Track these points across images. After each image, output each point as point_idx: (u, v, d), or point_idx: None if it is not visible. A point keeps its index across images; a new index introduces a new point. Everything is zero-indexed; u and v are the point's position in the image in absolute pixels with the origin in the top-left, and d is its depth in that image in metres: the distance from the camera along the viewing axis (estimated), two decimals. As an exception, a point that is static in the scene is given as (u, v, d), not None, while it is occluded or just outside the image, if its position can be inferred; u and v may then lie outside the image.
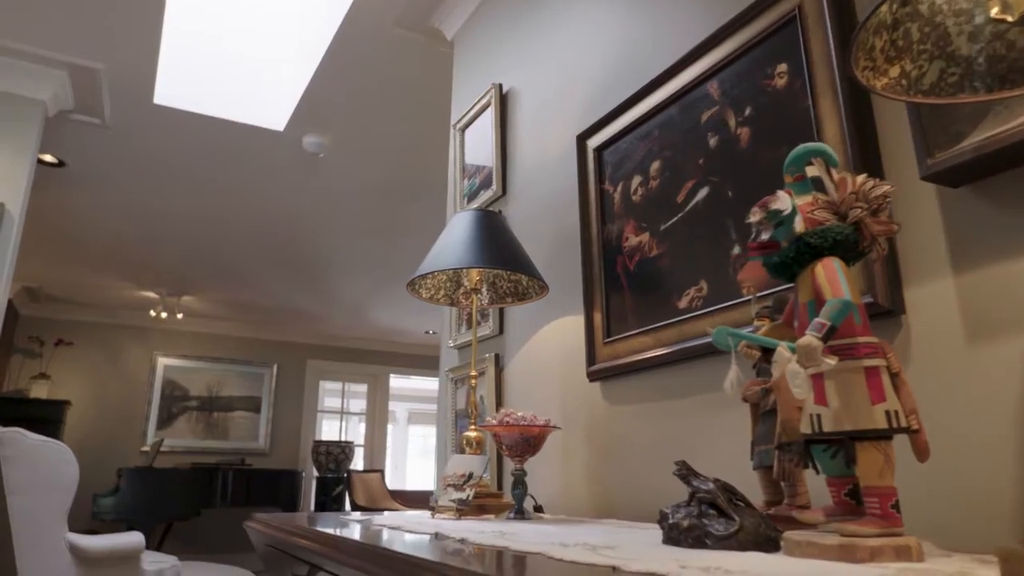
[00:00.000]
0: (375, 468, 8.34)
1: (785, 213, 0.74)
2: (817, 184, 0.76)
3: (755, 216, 0.77)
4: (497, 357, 1.92)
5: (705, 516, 0.76)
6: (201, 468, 6.30)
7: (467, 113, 2.32)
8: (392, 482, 8.24)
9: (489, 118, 2.16)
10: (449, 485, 1.36)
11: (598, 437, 1.52)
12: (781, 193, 0.76)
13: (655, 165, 1.42)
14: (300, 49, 3.07)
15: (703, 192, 1.28)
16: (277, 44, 3.07)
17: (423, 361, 9.02)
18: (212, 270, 5.93)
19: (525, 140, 2.00)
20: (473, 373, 1.57)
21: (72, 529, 3.38)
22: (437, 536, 0.98)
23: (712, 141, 1.28)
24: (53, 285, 6.45)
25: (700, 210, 1.29)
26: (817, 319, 0.67)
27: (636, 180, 1.47)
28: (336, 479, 7.58)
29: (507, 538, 0.90)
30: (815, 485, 0.81)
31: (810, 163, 0.77)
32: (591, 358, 1.52)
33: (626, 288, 1.46)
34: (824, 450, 0.70)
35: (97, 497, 6.22)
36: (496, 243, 1.54)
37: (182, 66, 3.18)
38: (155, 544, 6.55)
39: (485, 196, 2.12)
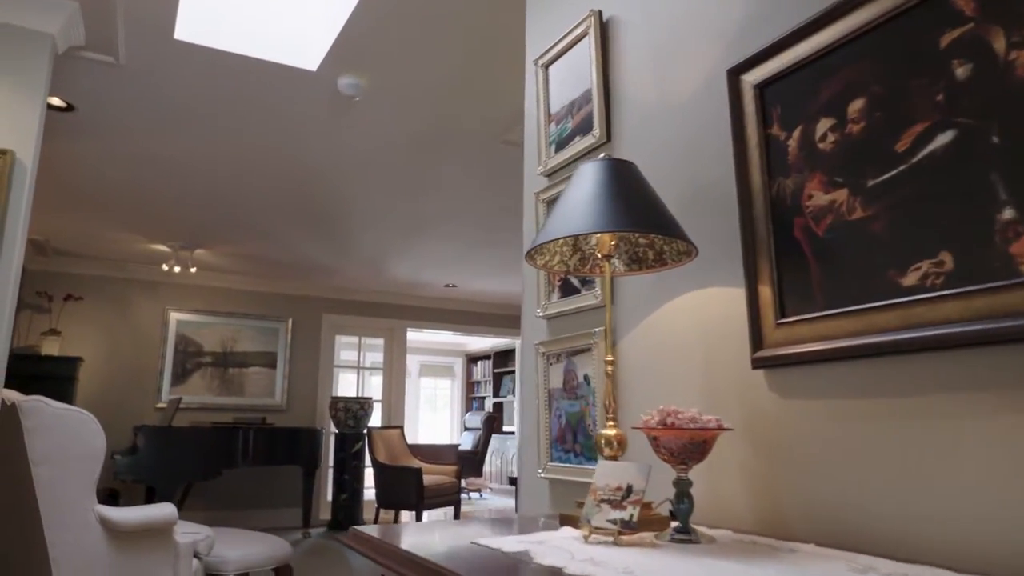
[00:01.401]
0: (394, 424, 8.19)
1: None
2: None
3: None
4: (606, 332, 1.66)
5: None
6: (221, 428, 6.12)
7: (553, 47, 2.00)
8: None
9: (586, 51, 1.85)
10: (603, 500, 1.11)
11: (763, 436, 1.26)
12: None
13: (857, 104, 1.13)
14: (340, -24, 2.73)
15: (944, 138, 1.00)
16: (314, -30, 2.72)
17: (441, 315, 8.79)
18: (227, 223, 5.63)
19: (638, 76, 1.70)
20: (609, 358, 1.31)
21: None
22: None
23: (961, 72, 0.99)
24: (60, 238, 6.16)
25: (939, 162, 1.01)
26: None
27: (824, 124, 1.18)
28: (355, 435, 7.43)
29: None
30: None
31: None
32: (757, 341, 1.26)
33: (810, 258, 1.19)
34: None
35: (115, 455, 6.06)
36: (634, 199, 1.26)
37: (207, -4, 2.84)
38: (177, 504, 6.41)
39: (582, 144, 1.82)
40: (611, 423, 1.28)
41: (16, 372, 6.13)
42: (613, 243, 1.36)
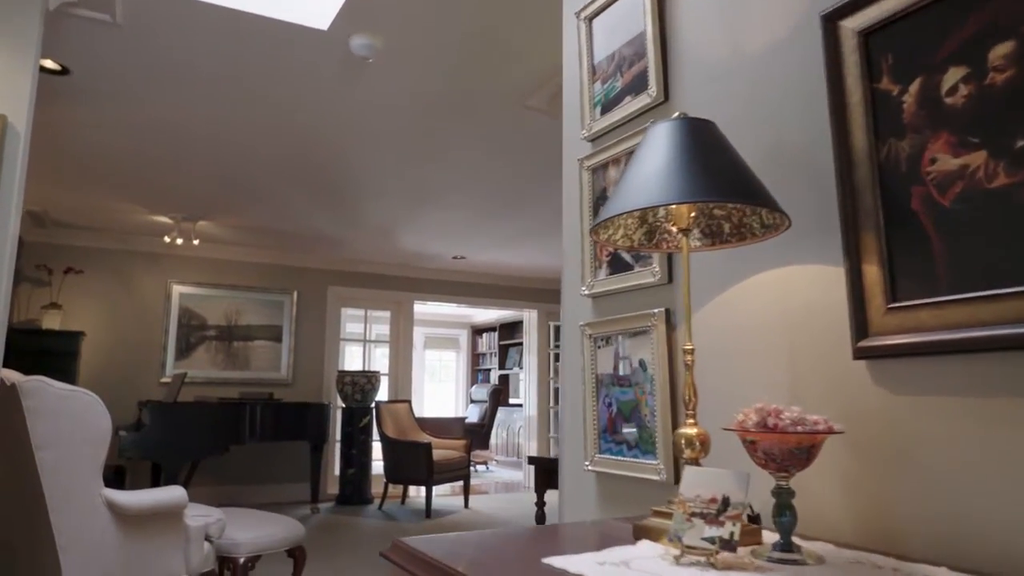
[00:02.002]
0: (402, 399, 8.08)
1: None
2: None
3: None
4: (668, 314, 1.50)
5: None
6: (228, 403, 6.00)
7: (598, -4, 1.81)
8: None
9: (639, 1, 1.66)
10: (694, 514, 0.96)
11: (867, 436, 1.11)
12: None
13: (1002, 49, 0.95)
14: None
15: None
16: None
17: (449, 287, 8.63)
18: (231, 193, 5.44)
19: (703, 26, 1.51)
20: (689, 346, 1.14)
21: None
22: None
23: None
24: (59, 209, 5.97)
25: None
26: None
27: (954, 74, 1.01)
28: (363, 409, 7.32)
29: None
30: None
31: None
32: (861, 328, 1.09)
33: (932, 232, 1.02)
34: None
35: (120, 431, 5.94)
36: (718, 164, 1.09)
37: (210, -53, 2.63)
38: (183, 482, 6.33)
39: (634, 104, 1.64)
40: (691, 421, 1.12)
41: (17, 347, 5.99)
42: (692, 215, 1.20)
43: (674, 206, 1.18)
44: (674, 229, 1.20)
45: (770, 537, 1.05)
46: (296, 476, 7.40)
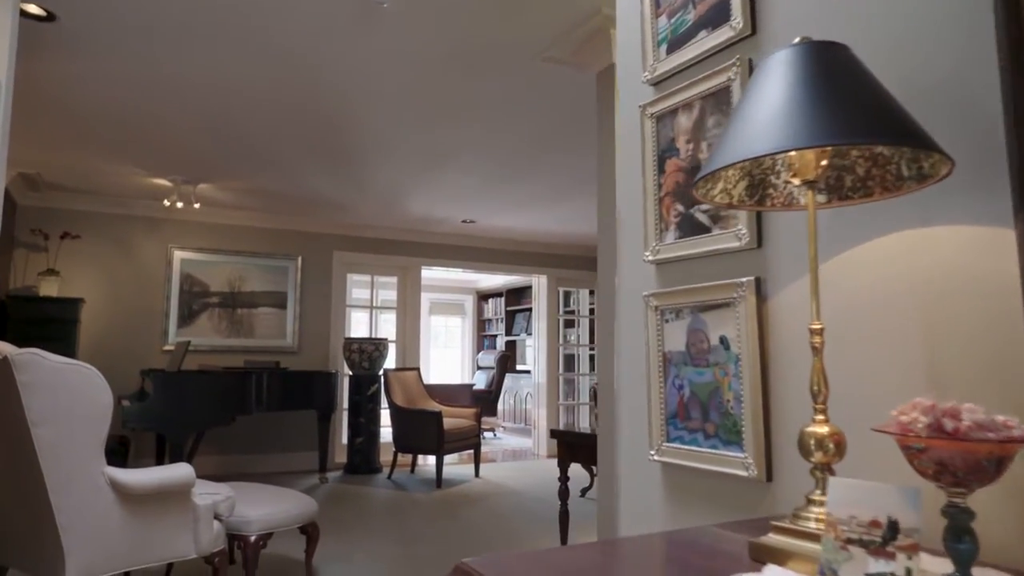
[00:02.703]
0: (410, 366, 7.92)
1: None
2: None
3: None
4: (758, 283, 1.28)
5: None
6: (234, 372, 5.81)
7: (664, -86, 1.56)
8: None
9: (718, -86, 1.41)
10: (850, 541, 0.75)
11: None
12: None
13: None
14: None
15: None
16: None
17: (456, 252, 8.41)
18: (233, 154, 5.19)
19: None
20: (817, 324, 0.93)
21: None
22: None
23: None
24: (53, 171, 5.72)
25: None
26: None
27: None
28: (370, 377, 7.16)
29: None
30: None
31: None
32: (1038, 304, 0.88)
33: None
34: None
35: (123, 401, 5.78)
36: (858, 98, 0.87)
37: None
38: (188, 453, 6.18)
39: (711, 40, 1.41)
40: (821, 417, 0.91)
41: (15, 314, 5.80)
42: (823, 163, 0.97)
43: (797, 153, 0.96)
44: (796, 181, 0.97)
45: (931, 563, 0.85)
46: (303, 445, 7.27)
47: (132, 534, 2.86)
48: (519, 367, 12.03)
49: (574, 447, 3.53)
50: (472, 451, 7.18)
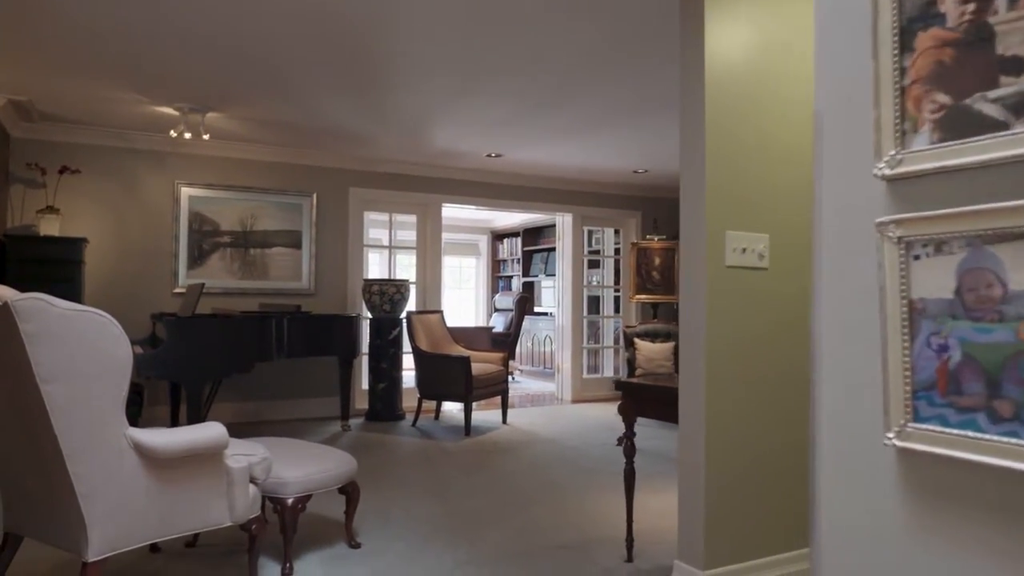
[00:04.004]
0: (431, 308, 7.56)
1: None
2: None
3: None
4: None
5: None
6: (252, 317, 5.45)
7: None
8: (451, 323, 7.47)
9: None
10: None
11: None
12: None
13: None
14: None
15: None
16: None
17: (479, 188, 7.94)
18: (245, 79, 4.69)
19: None
20: None
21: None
22: None
23: None
24: (46, 99, 5.23)
25: None
26: None
27: None
28: (391, 320, 6.81)
29: None
30: None
31: None
32: None
33: None
34: None
35: (133, 345, 5.42)
36: None
37: None
38: (206, 404, 5.87)
39: None
40: None
41: (15, 254, 5.38)
42: None
43: None
44: None
45: None
46: (322, 391, 6.97)
47: (160, 502, 2.52)
48: (536, 309, 11.69)
49: (643, 400, 3.17)
50: (499, 397, 6.88)
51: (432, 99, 5.15)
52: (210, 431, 2.62)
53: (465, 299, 12.98)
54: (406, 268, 8.05)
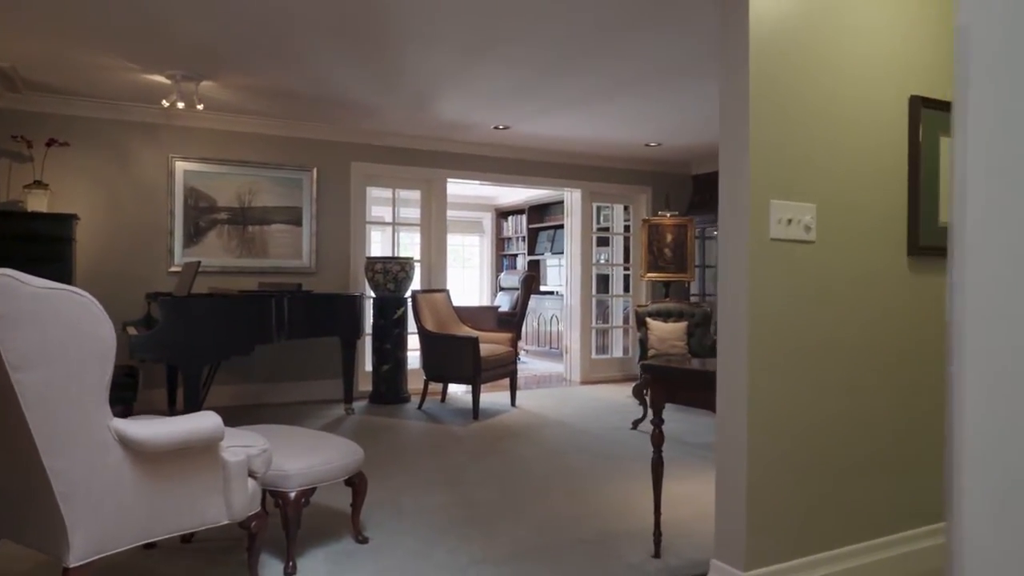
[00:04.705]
0: (437, 287, 7.32)
1: None
2: None
3: None
4: None
5: None
6: (252, 296, 5.20)
7: None
8: (457, 303, 7.22)
9: None
10: None
11: None
12: None
13: None
14: None
15: None
16: None
17: (485, 163, 7.66)
18: (241, 42, 4.40)
19: None
20: None
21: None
22: None
23: None
24: (31, 66, 4.94)
25: None
26: None
27: None
28: (396, 300, 6.57)
29: None
30: None
31: None
32: None
33: None
34: None
35: (127, 326, 5.20)
36: None
37: None
38: (204, 387, 5.63)
39: None
40: None
41: (1, 232, 5.14)
42: None
43: None
44: None
45: None
46: (324, 373, 6.74)
47: (150, 500, 2.29)
48: (542, 288, 11.45)
49: (674, 386, 2.93)
50: (507, 379, 6.65)
51: (442, 66, 4.86)
52: (204, 421, 2.38)
53: (468, 278, 12.74)
54: (408, 248, 7.80)
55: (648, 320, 7.17)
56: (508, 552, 3.04)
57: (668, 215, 7.84)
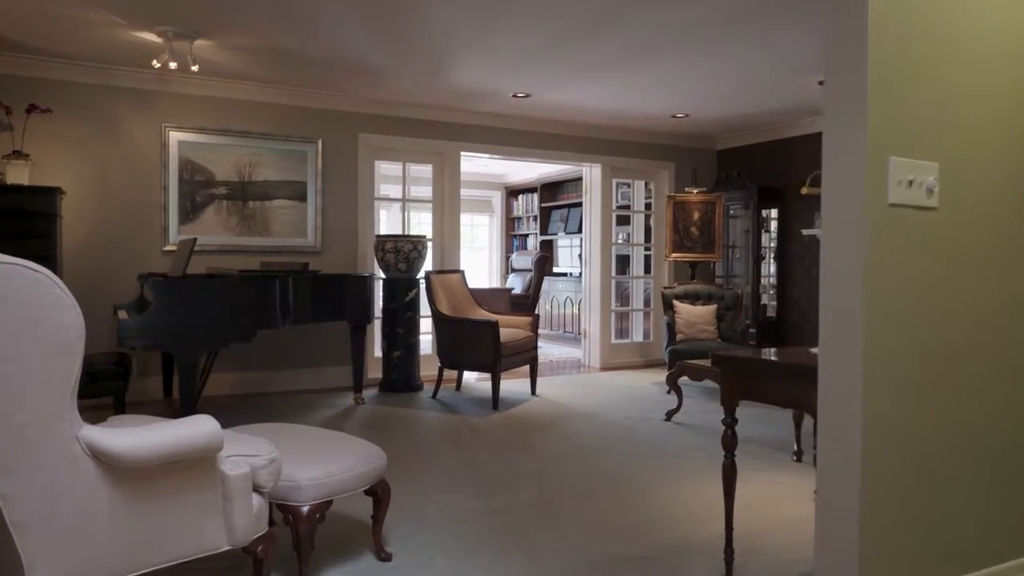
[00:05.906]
0: (453, 268, 6.87)
1: None
2: None
3: None
4: None
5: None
6: (253, 276, 4.74)
7: None
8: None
9: None
10: None
11: None
12: None
13: None
14: None
15: None
16: None
17: (500, 136, 7.17)
18: (239, -10, 3.92)
19: None
20: None
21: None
22: None
23: None
24: (7, 24, 4.45)
25: None
26: None
27: None
28: (407, 281, 6.12)
29: None
30: None
31: None
32: None
33: None
34: None
35: (118, 310, 4.75)
36: None
37: None
38: (202, 376, 5.19)
39: None
40: None
41: (-24, 206, 4.66)
42: None
43: None
44: None
45: None
46: (330, 359, 6.30)
47: (131, 526, 1.85)
48: (555, 270, 11.00)
49: (753, 380, 2.49)
50: (527, 366, 6.21)
51: (460, 24, 4.37)
52: (197, 428, 1.93)
53: (478, 259, 12.27)
54: (418, 227, 7.33)
55: (675, 303, 6.73)
56: (554, 571, 2.61)
57: (696, 191, 7.38)
